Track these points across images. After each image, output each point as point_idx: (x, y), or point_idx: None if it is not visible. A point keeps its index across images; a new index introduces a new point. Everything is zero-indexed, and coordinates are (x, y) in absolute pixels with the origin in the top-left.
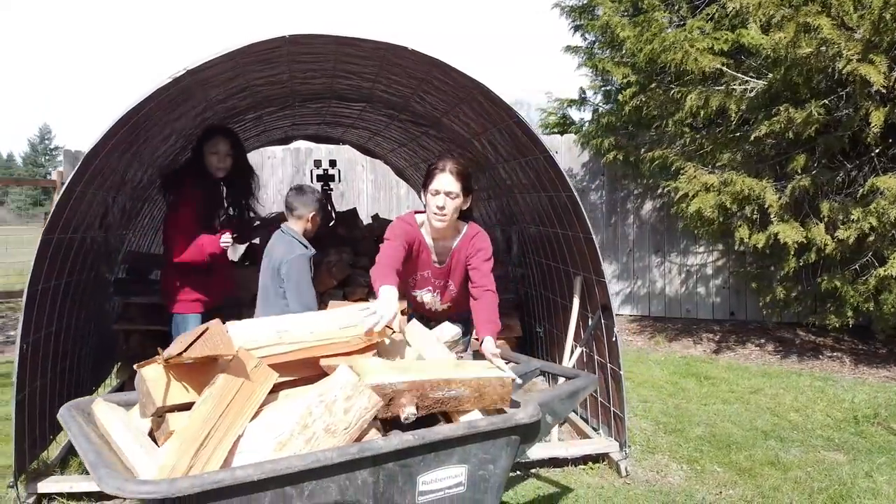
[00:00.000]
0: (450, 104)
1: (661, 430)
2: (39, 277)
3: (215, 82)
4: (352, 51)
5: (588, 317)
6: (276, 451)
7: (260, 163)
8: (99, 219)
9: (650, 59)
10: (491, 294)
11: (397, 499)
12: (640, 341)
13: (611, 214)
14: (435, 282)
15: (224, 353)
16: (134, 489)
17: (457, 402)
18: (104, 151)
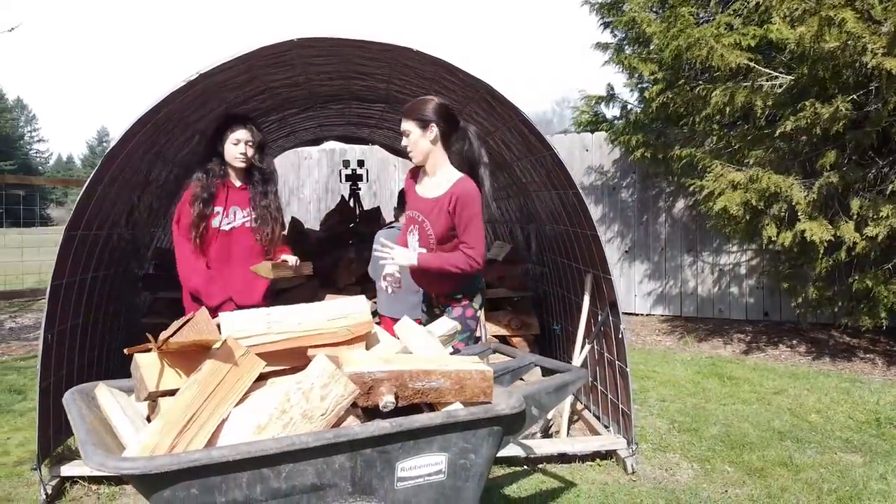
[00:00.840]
0: (461, 103)
1: (675, 429)
2: (63, 272)
3: (231, 85)
4: (360, 53)
5: (599, 314)
6: (255, 434)
7: (297, 163)
8: (125, 216)
9: (676, 56)
10: (460, 252)
11: (376, 484)
12: (668, 341)
13: (642, 213)
14: (415, 216)
15: (209, 340)
16: (114, 465)
17: (437, 394)
18: (124, 152)
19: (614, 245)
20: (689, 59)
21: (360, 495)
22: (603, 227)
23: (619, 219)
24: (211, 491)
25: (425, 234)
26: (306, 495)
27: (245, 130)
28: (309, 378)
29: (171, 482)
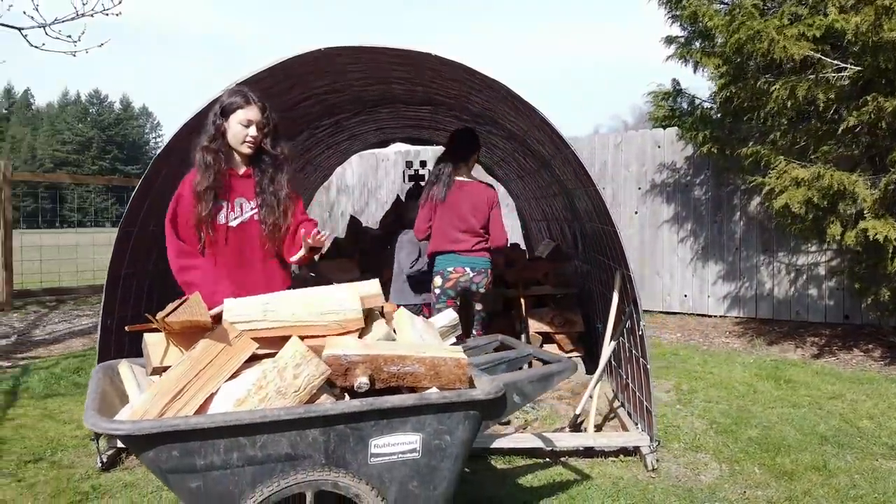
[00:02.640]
0: (493, 104)
1: (712, 430)
2: (121, 263)
3: (273, 92)
4: (386, 59)
5: (630, 311)
6: (234, 406)
7: (375, 165)
8: None
9: (737, 49)
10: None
11: (349, 458)
12: (737, 344)
13: (716, 211)
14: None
15: (199, 321)
16: (104, 426)
17: (413, 378)
18: (171, 156)
19: (687, 245)
20: (750, 53)
21: (334, 467)
22: (675, 227)
23: (692, 217)
24: (191, 454)
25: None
26: (281, 464)
27: (256, 110)
28: (283, 358)
29: (153, 444)
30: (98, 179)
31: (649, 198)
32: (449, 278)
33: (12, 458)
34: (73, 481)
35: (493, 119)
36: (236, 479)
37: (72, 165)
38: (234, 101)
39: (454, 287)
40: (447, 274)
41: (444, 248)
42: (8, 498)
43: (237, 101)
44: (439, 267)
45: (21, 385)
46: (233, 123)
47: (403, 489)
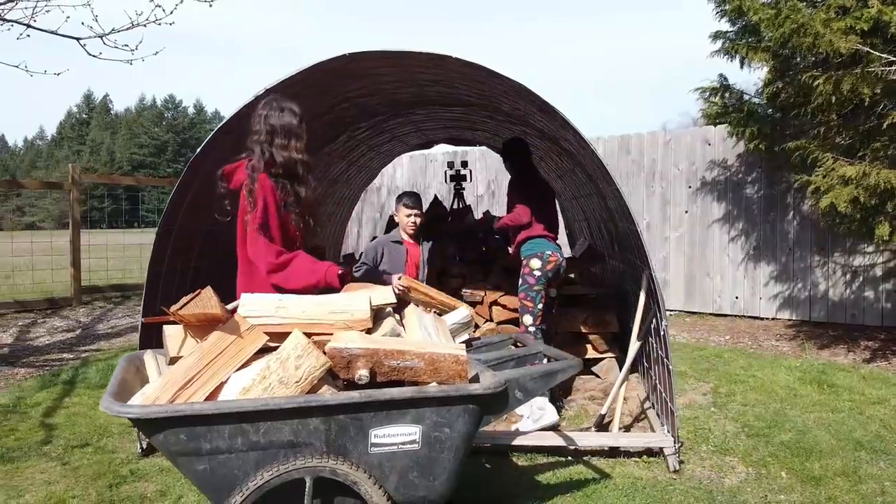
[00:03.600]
0: (520, 104)
1: (744, 433)
2: (161, 260)
3: (304, 98)
4: (412, 63)
5: (653, 311)
6: (240, 394)
7: (424, 166)
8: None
9: (782, 43)
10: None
11: (350, 447)
12: (786, 347)
13: (768, 210)
14: None
15: (211, 313)
16: (117, 409)
17: (413, 373)
18: (208, 159)
19: (738, 245)
20: (796, 47)
21: (335, 455)
22: (726, 226)
23: (744, 216)
24: (197, 438)
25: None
26: (284, 450)
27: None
28: (286, 350)
29: (162, 427)
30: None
31: (699, 196)
32: (549, 261)
33: (61, 443)
34: (113, 465)
35: (524, 119)
36: (241, 463)
37: (148, 168)
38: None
39: (553, 269)
40: (546, 257)
41: (540, 232)
42: (52, 479)
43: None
44: (536, 249)
45: (79, 376)
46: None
47: (404, 479)
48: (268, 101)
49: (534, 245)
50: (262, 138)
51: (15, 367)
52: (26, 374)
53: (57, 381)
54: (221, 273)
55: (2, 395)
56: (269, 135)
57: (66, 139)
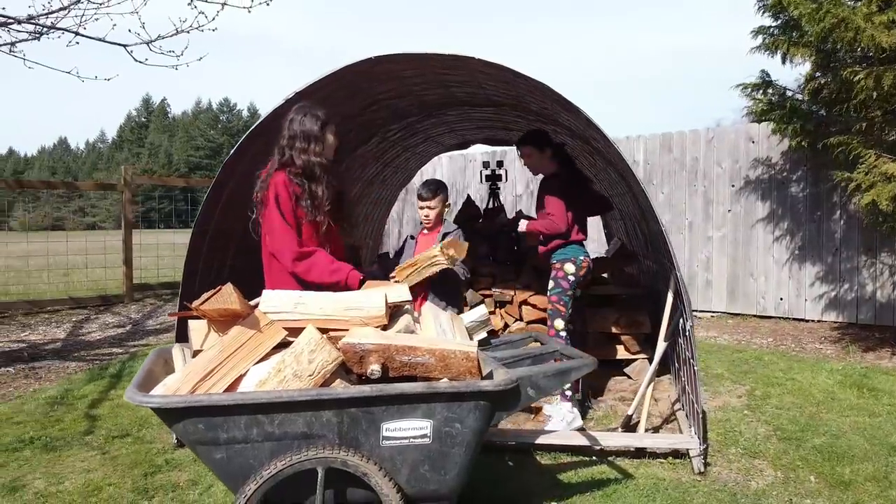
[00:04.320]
0: (547, 103)
1: (775, 437)
2: (197, 257)
3: (334, 101)
4: (437, 64)
5: (679, 312)
6: (256, 386)
7: (463, 166)
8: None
9: (822, 38)
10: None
11: (362, 439)
12: (830, 350)
13: (814, 209)
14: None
15: (230, 308)
16: (138, 399)
17: (424, 369)
18: (242, 159)
19: (782, 244)
20: (836, 41)
21: (347, 447)
22: (770, 226)
23: (789, 216)
24: (215, 428)
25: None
26: (297, 441)
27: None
28: (300, 344)
29: (181, 417)
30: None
31: (743, 195)
32: (581, 266)
33: (103, 433)
34: (150, 455)
35: (552, 118)
36: (256, 453)
37: (204, 170)
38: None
39: (585, 274)
40: (580, 262)
41: (576, 237)
42: (91, 467)
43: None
44: (571, 254)
45: (126, 370)
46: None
47: (415, 472)
48: (299, 107)
49: (568, 250)
50: (285, 142)
51: (66, 361)
52: (76, 368)
53: (104, 375)
54: (257, 270)
55: (52, 387)
56: (291, 139)
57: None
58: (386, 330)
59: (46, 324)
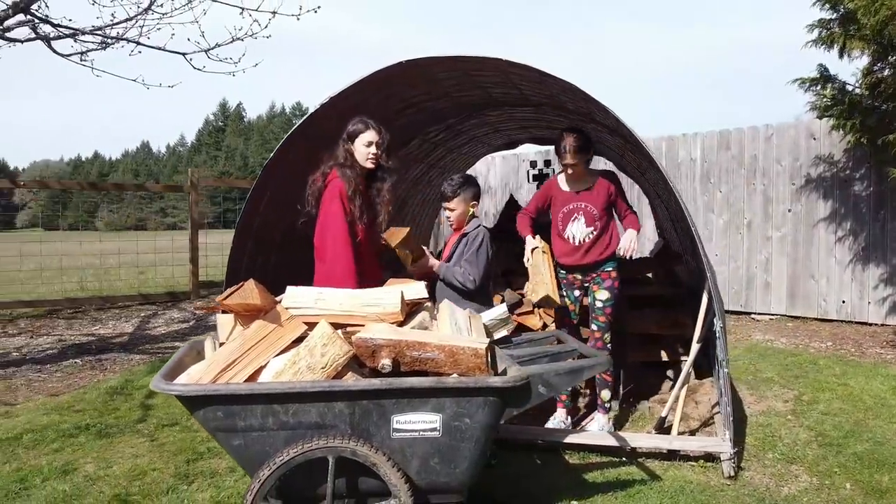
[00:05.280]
0: (580, 102)
1: (816, 443)
2: (241, 255)
3: (369, 104)
4: (466, 66)
5: (711, 313)
6: (273, 377)
7: (516, 166)
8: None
9: (878, 30)
10: (632, 214)
11: (373, 430)
12: (890, 355)
13: (878, 208)
14: (576, 206)
15: (251, 303)
16: (162, 386)
17: (434, 364)
18: (280, 164)
19: (845, 245)
20: (892, 34)
21: (358, 438)
22: (832, 226)
23: (852, 215)
24: (233, 416)
25: (591, 215)
26: (311, 431)
27: (374, 132)
28: (313, 338)
29: (201, 405)
30: None
31: (804, 194)
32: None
33: (154, 422)
34: (194, 443)
35: (590, 116)
36: (272, 441)
37: None
38: (357, 127)
39: None
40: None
41: None
42: (139, 453)
43: (360, 128)
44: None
45: None
46: (358, 146)
47: (425, 464)
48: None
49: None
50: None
51: (131, 354)
52: (139, 360)
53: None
54: (299, 266)
55: (114, 378)
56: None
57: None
58: (402, 326)
59: (116, 318)
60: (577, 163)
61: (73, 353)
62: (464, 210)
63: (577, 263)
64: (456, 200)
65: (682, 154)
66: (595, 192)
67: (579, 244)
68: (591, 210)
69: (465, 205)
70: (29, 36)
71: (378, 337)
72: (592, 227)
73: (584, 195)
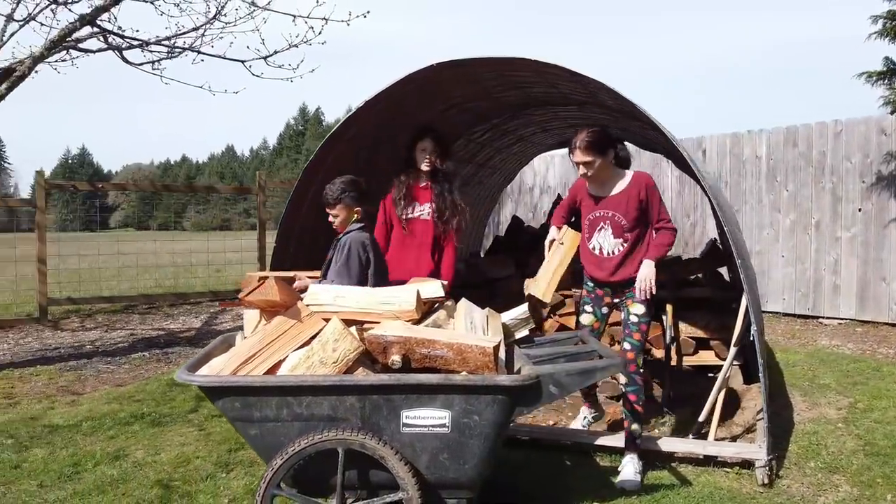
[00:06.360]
0: (619, 101)
1: (863, 452)
2: (283, 258)
3: (408, 106)
4: (502, 67)
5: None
6: (289, 371)
7: (570, 166)
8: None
9: None
10: (664, 230)
11: (383, 424)
12: None
13: None
14: (602, 214)
15: (271, 300)
16: (184, 377)
17: (444, 362)
18: (320, 167)
19: None
20: None
21: (368, 431)
22: None
23: None
24: (249, 407)
25: (618, 225)
26: (323, 423)
27: (429, 141)
28: (326, 334)
29: (220, 395)
30: None
31: (874, 192)
32: None
33: (204, 413)
34: (238, 433)
35: (631, 113)
36: (286, 432)
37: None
38: (414, 135)
39: None
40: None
41: None
42: (186, 442)
43: (416, 135)
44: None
45: None
46: (416, 151)
47: (435, 459)
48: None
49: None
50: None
51: (196, 348)
52: None
53: None
54: None
55: (176, 370)
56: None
57: (284, 149)
58: (419, 325)
59: (187, 314)
60: (589, 161)
61: (142, 347)
62: (347, 216)
63: (606, 280)
64: (339, 207)
65: (748, 151)
66: (623, 199)
67: (608, 256)
68: (619, 220)
69: (349, 210)
70: (101, 46)
71: (388, 334)
72: (621, 239)
73: (611, 202)
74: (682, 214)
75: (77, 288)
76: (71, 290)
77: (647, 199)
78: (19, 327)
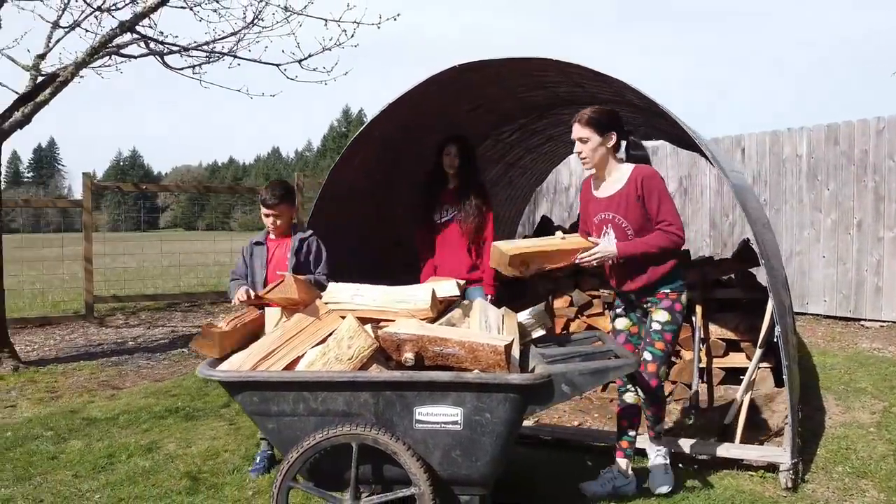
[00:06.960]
0: (640, 98)
1: (893, 456)
2: None
3: (432, 107)
4: (525, 67)
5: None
6: (306, 367)
7: None
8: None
9: None
10: (658, 232)
11: (396, 420)
12: None
13: None
14: (605, 216)
15: (290, 297)
16: (205, 372)
17: (456, 360)
18: (346, 168)
19: None
20: None
21: (381, 427)
22: None
23: None
24: (267, 401)
25: (621, 229)
26: (338, 418)
27: (452, 145)
28: (341, 331)
29: (239, 390)
30: None
31: None
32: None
33: (236, 407)
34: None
35: (656, 111)
36: (302, 426)
37: None
38: (441, 141)
39: None
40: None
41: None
42: (217, 435)
43: (442, 141)
44: (680, 278)
45: None
46: (443, 156)
47: (447, 456)
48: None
49: (678, 272)
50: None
51: None
52: None
53: None
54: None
55: None
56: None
57: (328, 150)
58: (434, 323)
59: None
60: (584, 138)
61: (182, 343)
62: (290, 216)
63: (622, 291)
64: (281, 206)
65: (787, 150)
66: (622, 198)
67: (616, 263)
68: (620, 222)
69: (291, 210)
70: (143, 52)
71: (402, 332)
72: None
73: (612, 202)
74: (720, 214)
75: (123, 286)
76: (117, 289)
77: (643, 194)
78: (66, 324)
